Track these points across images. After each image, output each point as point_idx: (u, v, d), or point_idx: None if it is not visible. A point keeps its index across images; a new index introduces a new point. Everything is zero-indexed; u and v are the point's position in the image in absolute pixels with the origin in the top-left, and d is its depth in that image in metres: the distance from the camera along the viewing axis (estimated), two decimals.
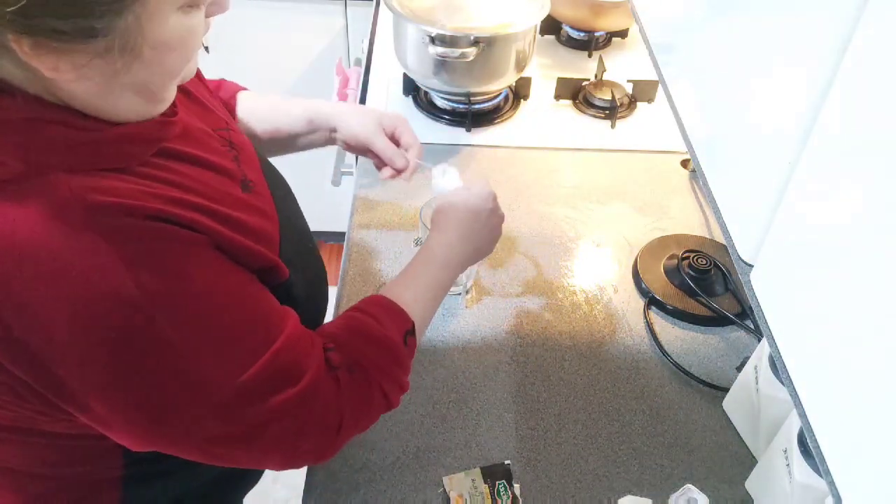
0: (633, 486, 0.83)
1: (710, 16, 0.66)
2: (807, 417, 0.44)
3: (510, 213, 1.15)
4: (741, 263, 0.54)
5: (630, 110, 1.39)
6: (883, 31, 0.39)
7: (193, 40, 0.56)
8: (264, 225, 0.67)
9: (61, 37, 0.47)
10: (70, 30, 0.47)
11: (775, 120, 0.50)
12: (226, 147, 0.70)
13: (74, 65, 0.49)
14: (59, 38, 0.47)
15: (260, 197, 0.70)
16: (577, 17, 1.51)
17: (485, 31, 1.19)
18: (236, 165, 0.69)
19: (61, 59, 0.49)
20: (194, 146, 0.64)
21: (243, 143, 0.75)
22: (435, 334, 0.97)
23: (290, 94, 2.00)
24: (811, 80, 0.45)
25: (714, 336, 1.00)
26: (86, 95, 0.53)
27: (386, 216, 1.14)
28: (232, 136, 0.73)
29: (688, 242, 1.11)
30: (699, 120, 0.66)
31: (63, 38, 0.47)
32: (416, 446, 0.85)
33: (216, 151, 0.68)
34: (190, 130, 0.65)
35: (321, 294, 0.81)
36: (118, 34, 0.49)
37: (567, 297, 1.04)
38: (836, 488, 0.41)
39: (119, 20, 0.48)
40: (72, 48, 0.48)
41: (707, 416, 0.90)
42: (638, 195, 1.22)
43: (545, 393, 0.91)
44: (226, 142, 0.71)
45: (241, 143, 0.75)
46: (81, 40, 0.48)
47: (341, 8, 1.84)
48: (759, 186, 0.52)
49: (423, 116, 1.34)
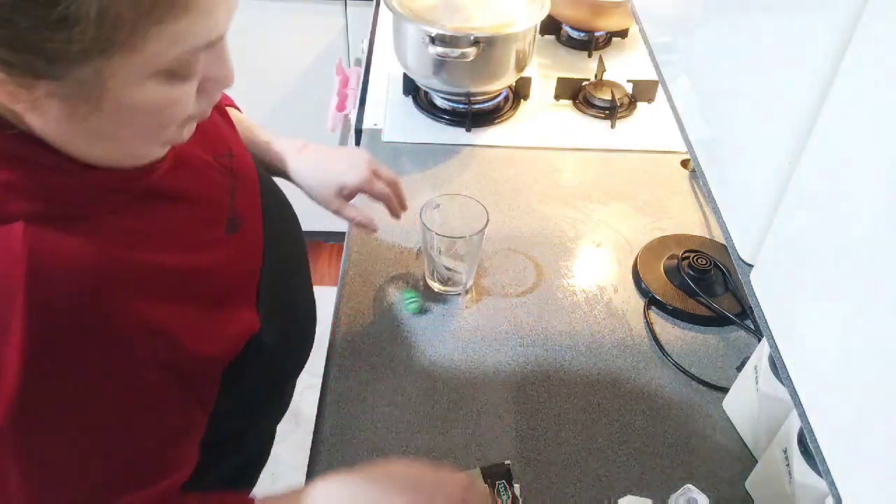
0: (633, 486, 0.83)
1: (709, 16, 0.66)
2: (807, 417, 0.44)
3: (510, 213, 1.16)
4: (741, 263, 0.54)
5: (630, 110, 1.39)
6: (883, 30, 0.39)
7: (175, 111, 0.53)
8: (240, 269, 0.65)
9: (10, 69, 0.45)
10: (19, 63, 0.44)
11: (775, 120, 0.50)
12: (224, 177, 0.68)
13: (31, 96, 0.47)
14: (8, 69, 0.45)
15: (246, 236, 0.67)
16: (577, 17, 1.51)
17: (485, 31, 1.19)
18: (229, 199, 0.67)
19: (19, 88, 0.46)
20: (184, 180, 0.62)
21: (246, 169, 0.73)
22: (435, 334, 0.97)
23: (289, 94, 2.01)
24: (811, 80, 0.45)
25: (714, 336, 1.00)
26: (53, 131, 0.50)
27: (386, 216, 1.14)
28: (234, 163, 0.71)
29: (688, 242, 1.11)
30: (699, 120, 0.66)
31: (12, 72, 0.45)
32: (416, 446, 0.85)
33: (210, 184, 0.66)
34: (184, 160, 0.63)
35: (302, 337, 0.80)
36: (75, 81, 0.46)
37: (567, 297, 1.04)
38: (836, 488, 0.41)
39: (75, 68, 0.45)
40: (25, 81, 0.46)
41: (707, 416, 0.90)
42: (638, 195, 1.22)
43: (545, 393, 0.91)
44: (226, 171, 0.69)
45: (244, 169, 0.72)
46: (31, 77, 0.45)
47: (341, 8, 1.84)
48: (759, 186, 0.52)
49: (423, 116, 1.34)
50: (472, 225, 0.97)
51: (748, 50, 0.56)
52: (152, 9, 0.45)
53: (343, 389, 0.90)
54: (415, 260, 1.06)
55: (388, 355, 0.94)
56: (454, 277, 1.01)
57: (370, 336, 0.96)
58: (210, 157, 0.68)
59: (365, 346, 0.95)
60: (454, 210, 1.00)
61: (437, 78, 1.26)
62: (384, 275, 1.05)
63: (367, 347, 0.95)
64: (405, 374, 0.92)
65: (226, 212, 0.66)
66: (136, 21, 0.44)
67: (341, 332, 0.97)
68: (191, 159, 0.64)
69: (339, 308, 1.00)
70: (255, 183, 0.74)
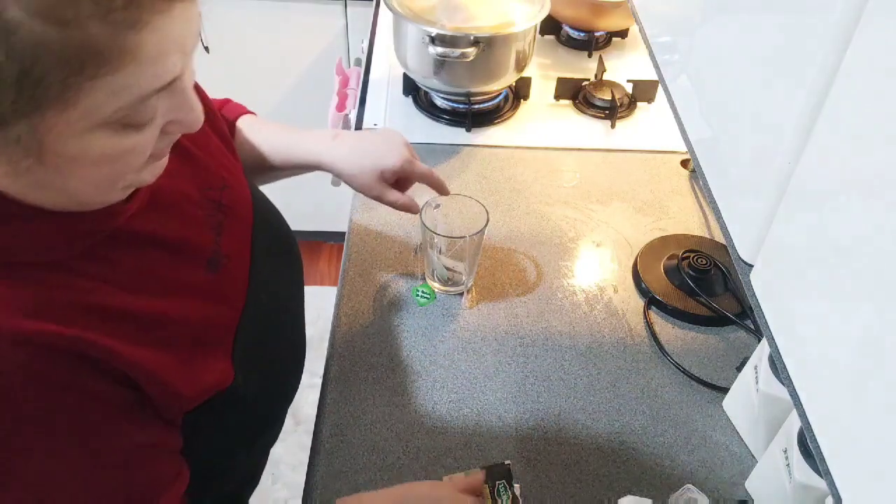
0: (633, 486, 0.83)
1: (710, 15, 0.66)
2: (807, 417, 0.44)
3: (510, 213, 1.16)
4: (741, 263, 0.54)
5: (630, 110, 1.39)
6: (883, 30, 0.39)
7: (129, 159, 0.50)
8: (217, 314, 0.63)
9: None
10: None
11: (775, 120, 0.50)
12: (211, 212, 0.65)
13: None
14: None
15: (229, 275, 0.65)
16: (577, 17, 1.51)
17: (485, 31, 1.19)
18: (214, 236, 0.65)
19: None
20: (159, 221, 0.59)
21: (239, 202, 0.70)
22: (435, 334, 0.97)
23: (290, 94, 2.01)
24: (811, 80, 0.45)
25: (714, 336, 1.00)
26: (1, 183, 0.48)
27: (386, 216, 1.14)
28: (226, 196, 0.68)
29: (688, 242, 1.11)
30: (699, 120, 0.66)
31: None
32: (417, 446, 0.85)
33: (191, 222, 0.63)
34: (163, 198, 0.60)
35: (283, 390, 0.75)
36: (12, 138, 0.44)
37: (567, 297, 1.04)
38: (836, 488, 0.41)
39: (7, 126, 0.43)
40: None
41: (707, 416, 0.90)
42: (638, 195, 1.22)
43: (545, 393, 0.91)
44: (214, 205, 0.66)
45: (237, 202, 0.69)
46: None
47: (341, 8, 1.84)
48: (759, 186, 0.52)
49: (423, 116, 1.34)
50: (472, 225, 0.97)
51: (748, 50, 0.56)
52: (82, 66, 0.42)
53: (343, 389, 0.90)
54: (413, 258, 1.06)
55: (388, 355, 0.94)
56: (454, 277, 1.01)
57: (370, 336, 0.96)
58: (197, 190, 0.65)
59: (365, 346, 0.95)
60: (454, 210, 1.00)
61: (437, 78, 1.26)
62: (384, 274, 1.05)
63: (367, 347, 0.95)
64: (405, 374, 0.92)
65: (207, 251, 0.64)
66: (65, 79, 0.42)
67: (341, 332, 0.97)
68: (171, 196, 0.61)
69: (339, 308, 1.00)
70: (248, 217, 0.71)
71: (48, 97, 0.42)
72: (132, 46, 0.43)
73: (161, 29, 0.45)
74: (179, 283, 0.60)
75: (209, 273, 0.63)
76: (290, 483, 1.76)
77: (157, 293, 0.58)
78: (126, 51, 0.43)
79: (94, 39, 0.41)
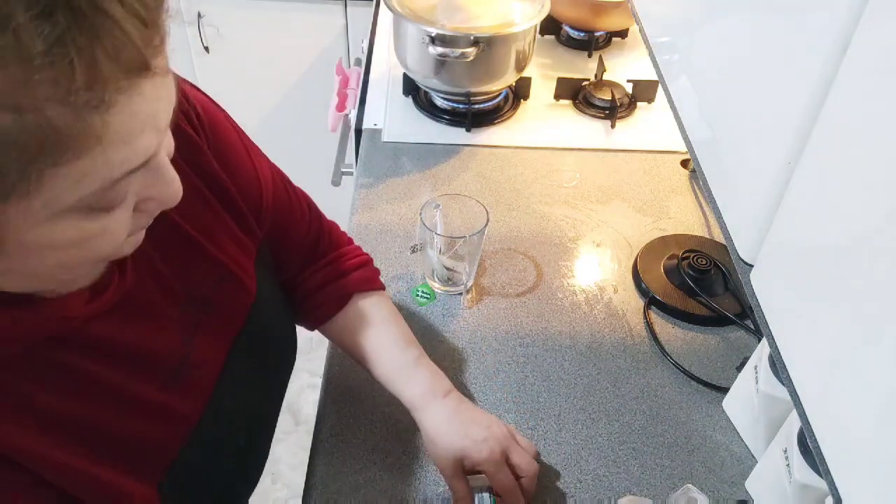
0: (633, 486, 0.83)
1: (709, 15, 0.66)
2: (807, 417, 0.44)
3: (510, 213, 1.16)
4: (741, 263, 0.54)
5: (630, 110, 1.39)
6: (883, 30, 0.39)
7: (99, 242, 0.46)
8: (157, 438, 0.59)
9: None
10: None
11: (775, 120, 0.50)
12: (187, 313, 0.61)
13: None
14: None
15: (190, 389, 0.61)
16: (577, 17, 1.51)
17: (485, 31, 1.19)
18: (184, 339, 0.61)
19: None
20: (121, 326, 0.56)
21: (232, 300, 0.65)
22: (435, 334, 0.97)
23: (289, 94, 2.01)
24: (811, 80, 0.45)
25: (714, 336, 1.00)
26: None
27: (386, 216, 1.14)
28: (220, 292, 0.63)
29: (688, 242, 1.11)
30: (699, 120, 0.66)
31: None
32: (417, 446, 0.85)
33: (160, 329, 0.59)
34: (135, 299, 0.56)
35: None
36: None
37: (567, 297, 1.04)
38: (836, 488, 0.41)
39: None
40: None
41: (707, 416, 0.90)
42: (638, 195, 1.22)
43: (545, 393, 0.91)
44: (196, 303, 0.62)
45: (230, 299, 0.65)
46: None
47: (341, 8, 1.84)
48: (759, 186, 0.52)
49: (423, 116, 1.34)
50: (472, 225, 0.97)
51: (748, 50, 0.56)
52: (39, 154, 0.38)
53: (343, 389, 0.90)
54: (409, 255, 1.06)
55: None
56: (454, 277, 1.01)
57: None
58: (183, 288, 0.61)
59: None
60: (454, 210, 1.00)
61: (437, 78, 1.26)
62: (384, 274, 1.05)
63: None
64: None
65: (173, 359, 0.60)
66: (23, 168, 0.38)
67: None
68: (145, 298, 0.58)
69: None
70: (238, 317, 0.67)
71: (5, 188, 0.39)
72: (97, 129, 0.39)
73: (129, 109, 0.40)
74: (125, 398, 0.56)
75: (165, 387, 0.59)
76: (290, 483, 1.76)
77: (101, 405, 0.54)
78: (90, 134, 0.39)
79: (54, 124, 0.37)
